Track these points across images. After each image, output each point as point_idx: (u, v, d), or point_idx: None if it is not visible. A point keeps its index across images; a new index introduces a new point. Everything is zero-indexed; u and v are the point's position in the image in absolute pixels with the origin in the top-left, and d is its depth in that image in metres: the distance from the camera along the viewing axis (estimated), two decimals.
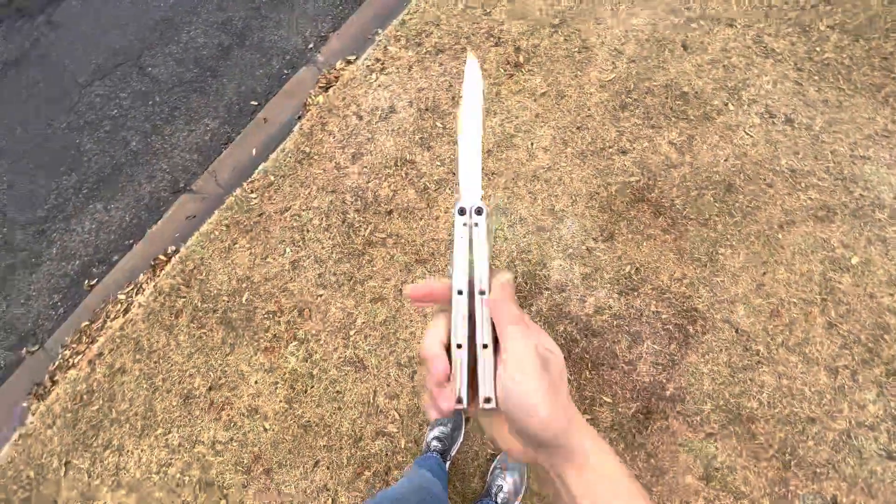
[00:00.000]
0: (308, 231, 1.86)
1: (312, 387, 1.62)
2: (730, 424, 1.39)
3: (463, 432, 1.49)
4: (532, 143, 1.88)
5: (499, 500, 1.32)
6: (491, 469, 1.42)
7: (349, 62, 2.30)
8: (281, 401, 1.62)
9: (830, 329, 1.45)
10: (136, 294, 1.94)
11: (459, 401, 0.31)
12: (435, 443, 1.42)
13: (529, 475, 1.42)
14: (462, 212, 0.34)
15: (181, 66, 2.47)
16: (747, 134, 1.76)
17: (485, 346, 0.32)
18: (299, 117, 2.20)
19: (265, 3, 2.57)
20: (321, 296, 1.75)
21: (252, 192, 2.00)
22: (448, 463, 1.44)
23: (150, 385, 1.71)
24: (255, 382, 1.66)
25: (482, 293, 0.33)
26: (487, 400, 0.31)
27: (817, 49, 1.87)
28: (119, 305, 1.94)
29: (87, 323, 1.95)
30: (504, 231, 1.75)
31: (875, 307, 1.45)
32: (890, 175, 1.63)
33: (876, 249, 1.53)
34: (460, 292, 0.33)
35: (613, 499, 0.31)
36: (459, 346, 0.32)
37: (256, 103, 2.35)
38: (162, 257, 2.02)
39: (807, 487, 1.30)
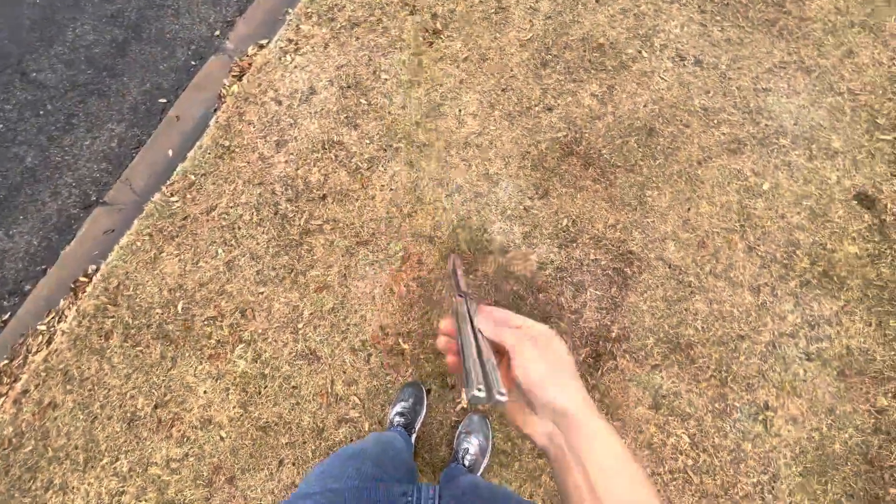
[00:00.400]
0: (239, 228, 1.77)
1: (266, 387, 1.57)
2: (671, 354, 1.47)
3: (425, 405, 1.49)
4: (460, 110, 1.86)
5: (466, 463, 1.35)
6: (456, 434, 1.44)
7: (261, 46, 2.17)
8: (235, 406, 1.56)
9: (750, 252, 1.56)
10: (58, 322, 1.78)
11: (501, 394, 0.37)
12: (398, 418, 1.42)
13: (494, 435, 1.45)
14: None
15: (72, 68, 2.23)
16: (662, 78, 1.83)
17: (489, 360, 0.41)
18: (214, 110, 2.06)
19: None
20: (262, 293, 1.67)
21: (172, 195, 1.86)
22: (414, 436, 1.44)
23: (87, 415, 1.59)
24: (205, 392, 1.58)
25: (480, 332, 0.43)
26: (501, 394, 0.37)
27: None
28: (40, 337, 1.78)
29: (5, 361, 1.77)
30: (442, 202, 1.73)
31: (786, 226, 1.57)
32: (789, 103, 1.74)
33: (783, 174, 1.65)
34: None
35: (616, 475, 0.35)
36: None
37: (165, 101, 2.17)
38: (82, 278, 1.86)
39: (742, 399, 1.41)
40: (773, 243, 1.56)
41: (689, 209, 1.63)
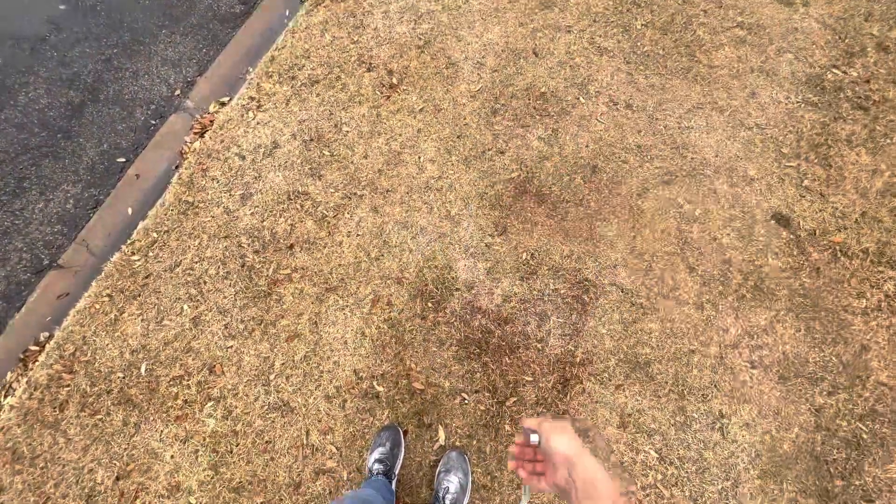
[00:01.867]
0: (205, 283, 1.76)
1: (238, 444, 1.52)
2: (632, 373, 1.57)
3: (403, 446, 1.50)
4: (419, 157, 1.97)
5: (448, 502, 1.35)
6: (436, 474, 1.45)
7: (223, 104, 2.24)
8: (205, 468, 1.50)
9: (691, 273, 1.72)
10: (5, 396, 1.67)
11: None
12: (377, 465, 1.41)
13: (474, 471, 1.47)
14: None
15: (24, 132, 2.21)
16: (599, 121, 2.03)
17: None
18: (176, 167, 2.08)
19: (116, 54, 2.40)
20: (231, 347, 1.65)
21: (133, 253, 1.84)
22: (394, 481, 1.44)
23: (39, 495, 1.47)
24: (171, 457, 1.51)
25: None
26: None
27: (638, 44, 2.22)
28: None
29: None
30: (408, 243, 1.81)
31: (718, 247, 1.75)
32: (709, 138, 1.98)
33: (711, 200, 1.84)
34: None
35: None
36: None
37: (124, 160, 2.17)
38: (33, 347, 1.77)
39: (699, 409, 1.51)
40: (709, 263, 1.73)
41: (634, 237, 1.79)
